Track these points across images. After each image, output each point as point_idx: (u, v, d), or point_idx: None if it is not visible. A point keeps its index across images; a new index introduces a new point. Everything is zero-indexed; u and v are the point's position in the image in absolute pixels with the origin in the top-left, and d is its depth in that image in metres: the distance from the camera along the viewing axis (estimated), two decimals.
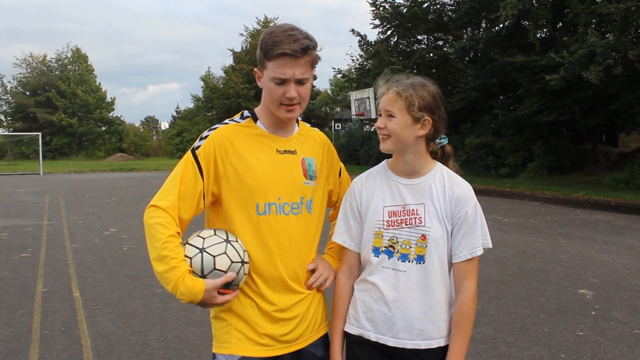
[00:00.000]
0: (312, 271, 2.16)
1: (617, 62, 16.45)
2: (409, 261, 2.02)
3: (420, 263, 2.01)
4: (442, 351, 2.04)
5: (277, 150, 2.07)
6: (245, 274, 1.96)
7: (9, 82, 58.97)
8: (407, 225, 2.02)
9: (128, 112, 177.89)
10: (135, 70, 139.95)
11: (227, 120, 2.12)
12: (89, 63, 59.11)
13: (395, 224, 2.03)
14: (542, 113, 20.91)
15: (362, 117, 29.24)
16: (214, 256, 1.88)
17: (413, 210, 2.03)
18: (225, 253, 1.89)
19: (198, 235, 1.95)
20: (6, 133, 55.08)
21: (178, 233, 1.92)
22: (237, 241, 1.96)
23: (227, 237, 1.95)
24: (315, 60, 2.01)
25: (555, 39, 21.73)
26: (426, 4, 27.65)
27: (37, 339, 5.01)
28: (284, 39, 1.91)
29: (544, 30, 22.70)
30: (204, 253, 1.88)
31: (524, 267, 7.65)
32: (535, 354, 4.61)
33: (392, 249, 2.04)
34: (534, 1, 19.96)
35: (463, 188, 2.07)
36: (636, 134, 24.73)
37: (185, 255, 1.88)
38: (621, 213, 13.74)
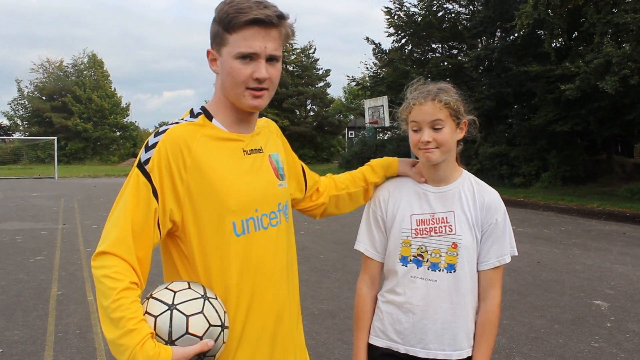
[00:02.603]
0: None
1: (633, 72, 16.33)
2: (439, 270, 1.98)
3: (450, 272, 1.98)
4: None
5: (243, 151, 1.67)
6: (224, 343, 1.52)
7: (26, 86, 59.63)
8: (436, 233, 1.99)
9: (143, 118, 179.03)
10: (150, 76, 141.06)
11: (176, 120, 1.67)
12: (104, 69, 59.57)
13: (424, 232, 2.00)
14: (557, 123, 20.78)
15: (375, 125, 29.18)
16: (187, 316, 1.44)
17: (442, 218, 2.00)
18: (202, 312, 1.46)
19: (167, 288, 1.51)
20: (22, 137, 55.69)
21: (135, 283, 1.48)
22: (216, 299, 1.53)
23: (205, 293, 1.51)
24: (288, 35, 1.64)
25: (571, 49, 21.61)
26: (441, 13, 27.63)
27: (52, 341, 5.04)
28: (251, 5, 1.55)
29: (560, 39, 22.57)
30: (175, 311, 1.44)
31: (538, 277, 7.59)
32: None
33: (420, 258, 2.00)
34: (550, 10, 19.87)
35: (493, 195, 2.05)
36: None
37: (148, 313, 1.45)
38: (637, 224, 13.58)
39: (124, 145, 59.24)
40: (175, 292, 1.49)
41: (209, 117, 1.66)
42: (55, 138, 40.18)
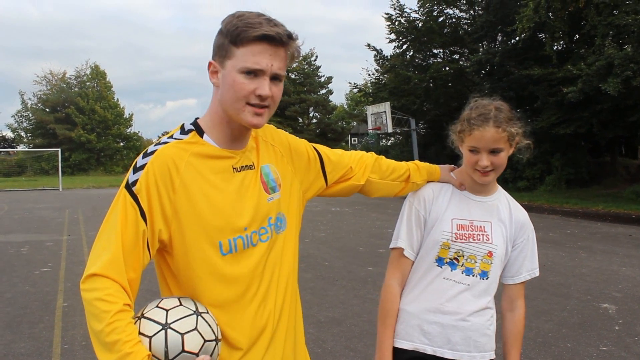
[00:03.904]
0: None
1: (635, 73, 16.32)
2: (473, 275, 2.07)
3: (484, 278, 2.08)
4: None
5: (233, 169, 1.63)
6: (218, 355, 1.52)
7: (30, 99, 59.89)
8: (474, 240, 2.08)
9: (146, 128, 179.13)
10: (153, 86, 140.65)
11: (164, 139, 1.63)
12: (107, 80, 59.74)
13: (463, 237, 2.08)
14: (560, 125, 20.76)
15: (378, 131, 29.21)
16: (181, 334, 1.43)
17: (480, 226, 2.10)
18: (196, 329, 1.45)
19: (158, 307, 1.49)
20: (26, 149, 55.87)
21: (128, 305, 1.45)
22: (208, 312, 1.52)
23: (197, 308, 1.51)
24: (293, 56, 1.62)
25: (572, 51, 21.62)
26: (442, 18, 27.71)
27: (58, 353, 5.04)
28: (262, 22, 1.52)
29: (561, 42, 22.61)
30: (169, 330, 1.43)
31: (544, 281, 7.55)
32: None
33: (456, 262, 2.08)
34: (550, 14, 19.89)
35: (525, 213, 2.21)
36: None
37: (141, 334, 1.43)
38: None
39: (127, 156, 59.32)
40: (167, 311, 1.47)
41: (200, 133, 1.63)
42: (59, 149, 40.27)
